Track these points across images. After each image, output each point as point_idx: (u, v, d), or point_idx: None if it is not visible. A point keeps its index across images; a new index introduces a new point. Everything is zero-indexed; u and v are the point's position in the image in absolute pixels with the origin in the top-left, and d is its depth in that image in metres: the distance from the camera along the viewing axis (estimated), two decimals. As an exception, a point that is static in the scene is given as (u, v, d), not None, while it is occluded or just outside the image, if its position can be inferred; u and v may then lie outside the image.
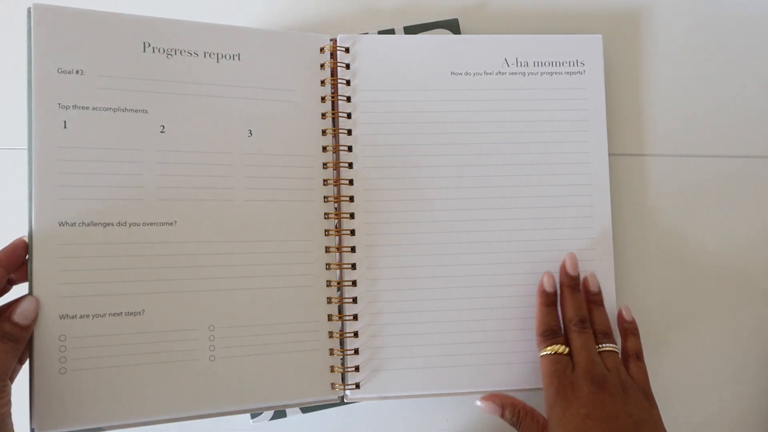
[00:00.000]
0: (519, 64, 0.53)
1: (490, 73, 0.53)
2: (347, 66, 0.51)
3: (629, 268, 0.56)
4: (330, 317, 0.49)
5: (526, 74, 0.53)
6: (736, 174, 0.58)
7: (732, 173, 0.58)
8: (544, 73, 0.54)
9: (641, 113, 0.58)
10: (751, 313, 0.57)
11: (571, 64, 0.54)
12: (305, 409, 0.52)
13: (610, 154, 0.54)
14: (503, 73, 0.53)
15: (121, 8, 0.46)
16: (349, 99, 0.51)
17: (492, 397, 0.48)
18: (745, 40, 0.60)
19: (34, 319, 0.41)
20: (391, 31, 0.56)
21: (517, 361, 0.50)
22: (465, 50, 0.53)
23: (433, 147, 0.52)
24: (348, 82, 0.51)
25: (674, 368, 0.55)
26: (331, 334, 0.49)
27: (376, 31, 0.56)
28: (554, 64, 0.54)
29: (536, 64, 0.54)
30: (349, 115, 0.51)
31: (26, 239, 0.42)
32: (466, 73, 0.53)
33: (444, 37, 0.55)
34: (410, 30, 0.56)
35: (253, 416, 0.51)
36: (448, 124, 0.52)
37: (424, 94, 0.52)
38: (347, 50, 0.51)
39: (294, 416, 0.52)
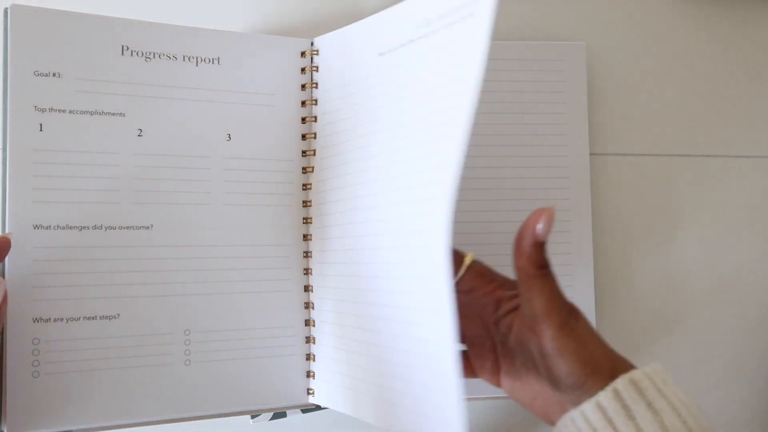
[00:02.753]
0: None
1: (471, 79, 0.53)
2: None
3: (610, 270, 0.56)
4: (307, 322, 0.49)
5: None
6: (717, 174, 0.59)
7: (713, 173, 0.58)
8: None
9: (624, 114, 0.58)
10: (743, 314, 0.57)
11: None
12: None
13: (591, 154, 0.54)
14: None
15: (100, 10, 0.46)
16: (328, 103, 0.51)
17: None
18: (732, 41, 0.60)
19: (4, 299, 0.39)
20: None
21: None
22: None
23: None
24: (327, 87, 0.51)
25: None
26: (308, 339, 0.48)
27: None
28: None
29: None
30: (328, 120, 0.51)
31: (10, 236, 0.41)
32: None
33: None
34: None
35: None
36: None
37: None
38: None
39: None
